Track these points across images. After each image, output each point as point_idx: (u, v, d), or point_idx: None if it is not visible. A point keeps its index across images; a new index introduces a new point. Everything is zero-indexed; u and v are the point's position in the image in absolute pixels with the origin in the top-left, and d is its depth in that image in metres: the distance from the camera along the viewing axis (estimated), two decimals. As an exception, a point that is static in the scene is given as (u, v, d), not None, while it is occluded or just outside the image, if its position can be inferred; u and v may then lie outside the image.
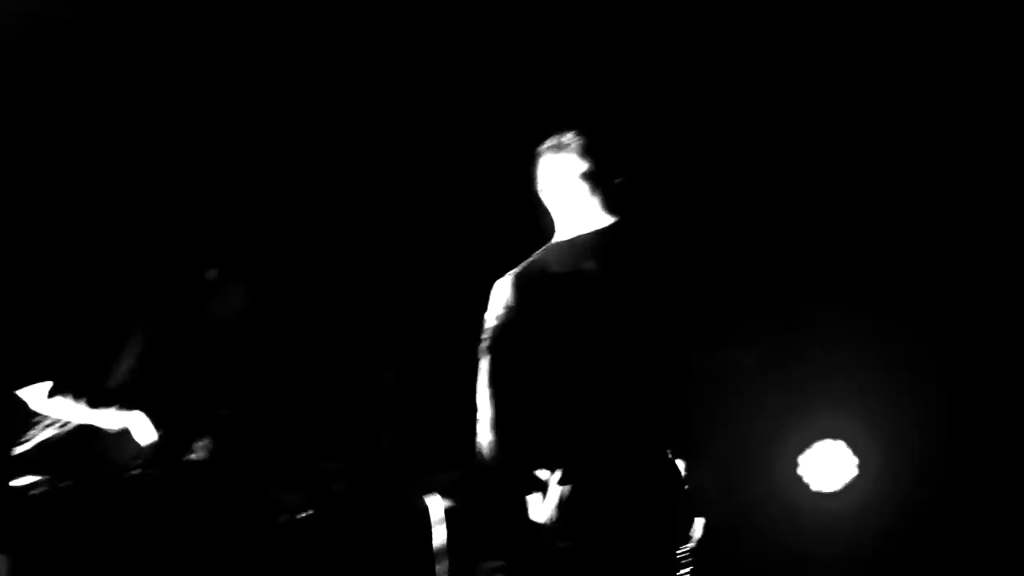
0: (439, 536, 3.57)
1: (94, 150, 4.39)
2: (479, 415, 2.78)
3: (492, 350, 2.78)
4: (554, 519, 2.76)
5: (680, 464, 2.84)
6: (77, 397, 3.58)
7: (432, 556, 3.58)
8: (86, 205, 4.36)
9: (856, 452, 4.49)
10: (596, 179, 2.87)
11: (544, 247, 2.90)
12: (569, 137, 2.91)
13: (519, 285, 2.80)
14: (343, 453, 4.07)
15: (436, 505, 3.61)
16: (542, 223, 2.95)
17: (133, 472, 3.52)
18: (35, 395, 3.59)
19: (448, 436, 4.15)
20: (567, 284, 2.81)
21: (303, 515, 3.76)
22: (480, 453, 2.77)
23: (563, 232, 2.91)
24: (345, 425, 4.20)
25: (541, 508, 2.80)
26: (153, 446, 3.56)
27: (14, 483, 3.47)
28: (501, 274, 2.85)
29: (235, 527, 3.66)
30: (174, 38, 4.41)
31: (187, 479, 3.62)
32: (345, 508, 3.93)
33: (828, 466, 4.50)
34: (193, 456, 3.65)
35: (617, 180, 2.88)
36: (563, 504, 2.76)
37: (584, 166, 2.88)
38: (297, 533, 3.75)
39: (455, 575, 3.55)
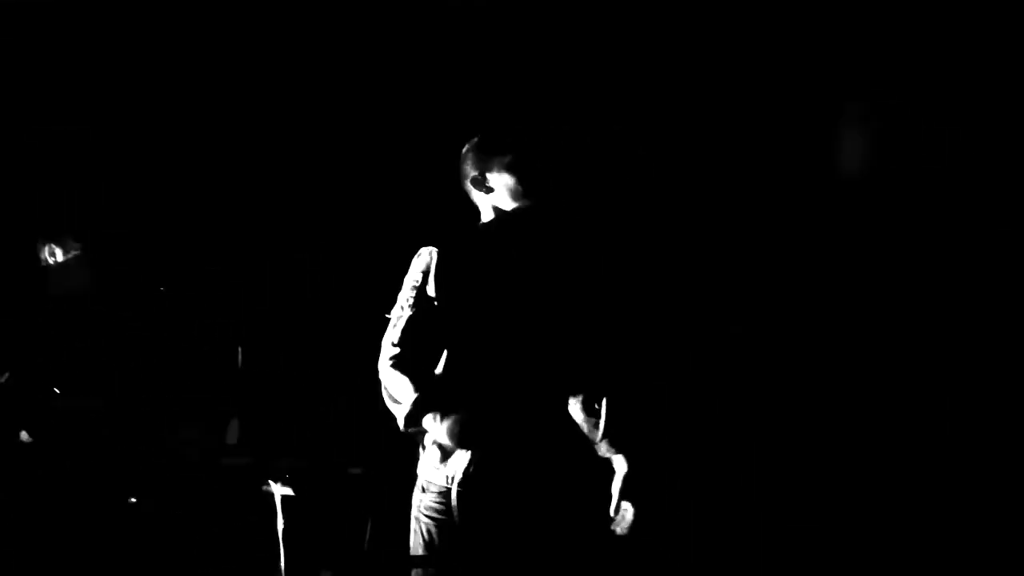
0: (279, 524, 3.57)
1: (94, 150, 4.40)
2: (383, 370, 2.83)
3: (407, 313, 2.84)
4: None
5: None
6: None
7: (276, 544, 3.57)
8: (86, 205, 4.36)
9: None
10: (529, 172, 2.94)
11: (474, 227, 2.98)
12: (499, 134, 3.00)
13: (440, 254, 2.87)
14: (188, 438, 4.06)
15: (278, 493, 3.61)
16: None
17: None
18: None
19: (297, 421, 4.23)
20: (489, 260, 2.88)
21: (134, 501, 3.77)
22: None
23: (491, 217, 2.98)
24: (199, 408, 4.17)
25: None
26: None
27: None
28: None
29: (68, 517, 3.68)
30: (174, 38, 4.41)
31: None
32: (186, 494, 3.96)
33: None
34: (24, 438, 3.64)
35: (547, 173, 2.95)
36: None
37: (518, 160, 2.95)
38: (136, 520, 3.77)
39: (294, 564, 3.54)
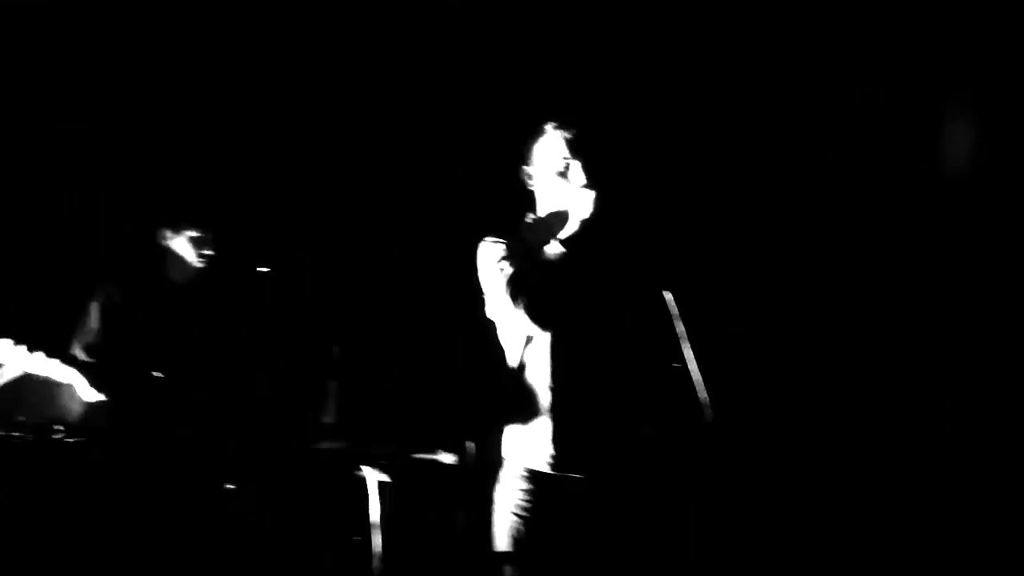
0: (374, 510, 3.59)
1: (94, 150, 4.40)
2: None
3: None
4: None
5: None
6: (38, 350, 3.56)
7: (368, 530, 3.60)
8: (86, 205, 4.37)
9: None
10: (575, 169, 2.97)
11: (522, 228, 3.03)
12: (552, 129, 3.03)
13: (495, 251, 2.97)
14: (282, 427, 4.09)
15: (372, 478, 3.63)
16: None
17: (60, 434, 3.53)
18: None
19: (390, 410, 4.27)
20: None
21: (231, 487, 3.79)
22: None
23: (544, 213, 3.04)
24: (286, 400, 4.20)
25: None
26: (95, 406, 3.58)
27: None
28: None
29: (165, 495, 3.71)
30: (174, 37, 4.41)
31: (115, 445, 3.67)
32: (281, 480, 4.00)
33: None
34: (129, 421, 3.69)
35: (595, 172, 2.98)
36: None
37: (565, 157, 2.98)
38: (227, 503, 3.79)
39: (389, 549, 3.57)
